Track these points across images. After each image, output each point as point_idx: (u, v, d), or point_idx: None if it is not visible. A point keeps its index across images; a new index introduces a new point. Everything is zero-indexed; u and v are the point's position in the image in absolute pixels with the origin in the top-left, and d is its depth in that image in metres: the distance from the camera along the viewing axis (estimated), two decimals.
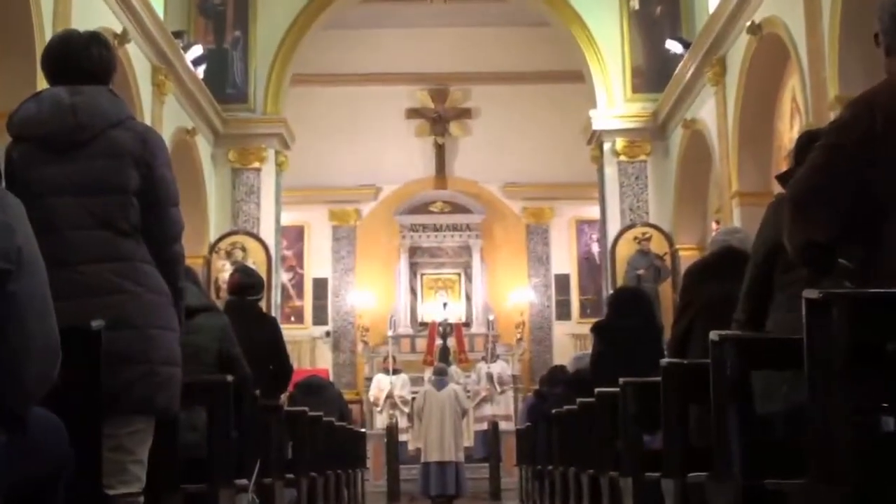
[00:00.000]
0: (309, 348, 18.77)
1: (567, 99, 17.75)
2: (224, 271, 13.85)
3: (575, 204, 18.91)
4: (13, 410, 2.02)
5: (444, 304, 18.02)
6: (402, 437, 14.68)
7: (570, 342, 18.40)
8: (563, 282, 19.31)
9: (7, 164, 2.85)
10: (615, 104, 14.85)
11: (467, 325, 18.55)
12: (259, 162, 14.90)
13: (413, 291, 18.91)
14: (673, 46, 13.91)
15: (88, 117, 2.84)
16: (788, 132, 11.16)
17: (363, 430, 13.54)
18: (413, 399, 14.27)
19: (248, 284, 6.07)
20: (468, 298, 18.91)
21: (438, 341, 17.37)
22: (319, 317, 19.12)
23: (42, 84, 3.05)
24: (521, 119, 18.96)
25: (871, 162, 2.44)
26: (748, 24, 10.85)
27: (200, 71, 13.90)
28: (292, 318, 18.59)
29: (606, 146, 14.92)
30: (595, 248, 18.60)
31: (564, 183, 18.69)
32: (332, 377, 17.36)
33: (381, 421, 15.39)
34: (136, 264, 2.81)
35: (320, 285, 19.23)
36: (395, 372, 15.76)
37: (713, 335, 2.84)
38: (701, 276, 4.27)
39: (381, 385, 15.74)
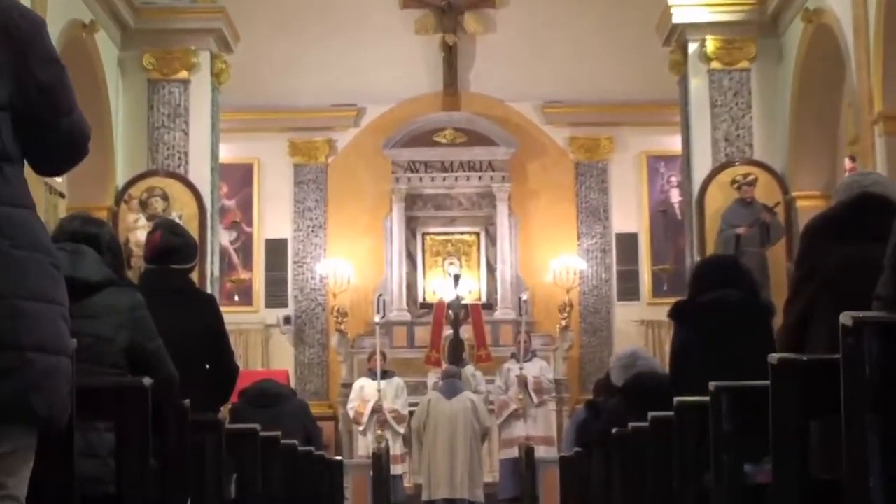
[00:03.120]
0: (261, 340, 18.84)
1: None
2: (138, 229, 13.90)
3: (645, 132, 18.87)
4: None
5: (457, 278, 18.01)
6: (396, 469, 14.73)
7: (638, 331, 18.44)
8: (628, 245, 19.30)
9: None
10: None
11: (489, 307, 18.59)
12: (187, 71, 14.90)
13: (411, 259, 18.93)
14: None
15: None
16: None
17: (339, 458, 13.60)
18: (411, 413, 14.30)
19: (173, 248, 6.09)
20: (491, 269, 18.94)
21: (448, 331, 17.40)
22: (276, 295, 19.16)
23: None
24: (566, 9, 18.87)
25: None
26: None
27: None
28: (237, 297, 18.64)
29: (692, 48, 14.89)
30: (675, 197, 18.57)
31: (630, 102, 18.66)
32: (294, 382, 17.44)
33: (364, 445, 15.45)
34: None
35: (277, 250, 19.25)
36: (386, 375, 15.80)
37: (845, 318, 2.83)
38: (828, 235, 4.27)
39: (366, 394, 15.79)
